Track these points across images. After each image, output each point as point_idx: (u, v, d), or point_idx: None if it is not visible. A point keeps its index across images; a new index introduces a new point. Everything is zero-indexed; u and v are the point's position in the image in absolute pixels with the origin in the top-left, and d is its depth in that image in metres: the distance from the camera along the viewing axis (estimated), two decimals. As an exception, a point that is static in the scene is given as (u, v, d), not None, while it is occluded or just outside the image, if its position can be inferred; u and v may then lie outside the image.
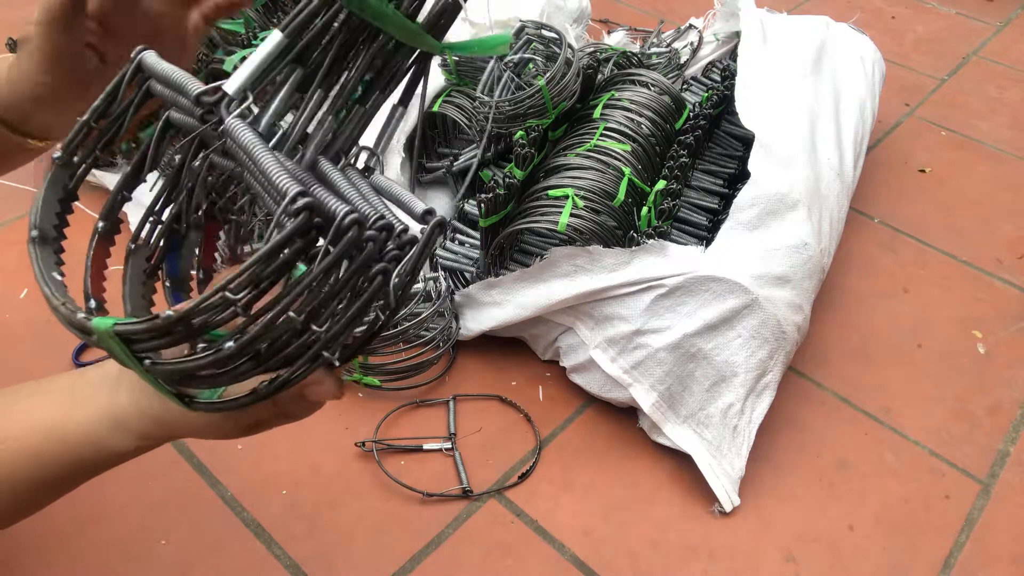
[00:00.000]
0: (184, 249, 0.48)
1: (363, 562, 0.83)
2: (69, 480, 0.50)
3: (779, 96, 1.09)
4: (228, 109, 0.39)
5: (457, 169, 1.16)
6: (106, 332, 0.37)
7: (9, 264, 1.12)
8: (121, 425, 0.46)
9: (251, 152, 0.36)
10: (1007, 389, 1.05)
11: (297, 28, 0.40)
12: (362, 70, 0.42)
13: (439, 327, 1.00)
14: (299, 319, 0.35)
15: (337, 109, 0.43)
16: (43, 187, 0.44)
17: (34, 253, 0.42)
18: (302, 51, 0.41)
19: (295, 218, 0.33)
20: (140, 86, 0.43)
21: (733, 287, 0.88)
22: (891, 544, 0.87)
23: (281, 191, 0.34)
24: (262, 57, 0.40)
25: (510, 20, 1.16)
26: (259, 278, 0.34)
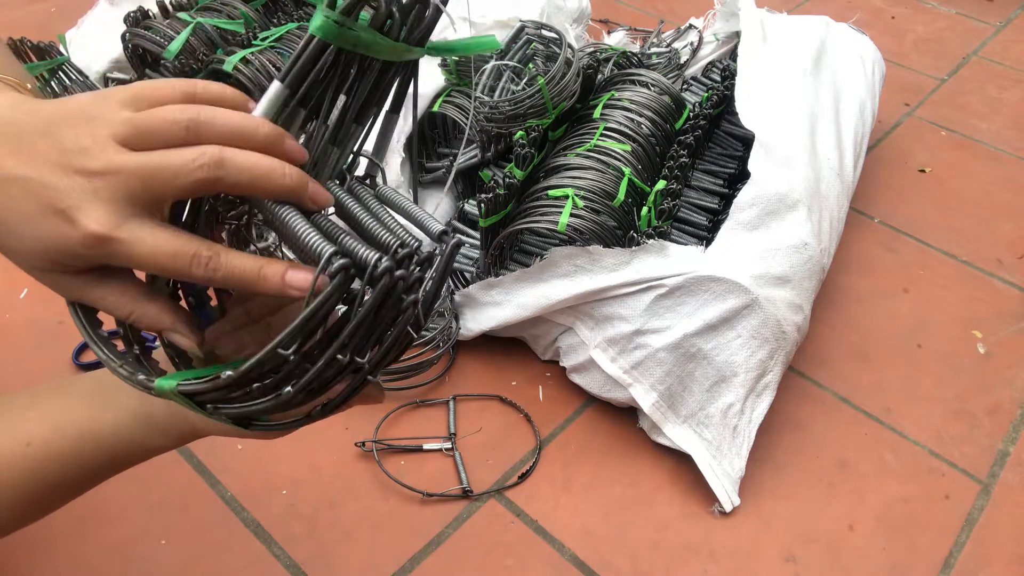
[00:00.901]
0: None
1: (363, 562, 0.83)
2: (99, 477, 0.52)
3: (779, 96, 1.09)
4: None
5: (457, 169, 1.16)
6: (171, 392, 0.40)
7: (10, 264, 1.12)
8: (156, 426, 0.48)
9: (280, 216, 0.39)
10: (1007, 389, 1.05)
11: (297, 76, 0.42)
12: (359, 97, 0.44)
13: (439, 327, 1.00)
14: (346, 359, 0.38)
15: (339, 136, 0.44)
16: None
17: (76, 316, 0.43)
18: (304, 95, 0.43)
19: (333, 279, 0.36)
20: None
21: (733, 287, 0.88)
22: (891, 544, 0.87)
23: (316, 253, 0.37)
24: (264, 110, 0.42)
25: (510, 20, 1.16)
26: (306, 331, 0.37)
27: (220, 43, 1.20)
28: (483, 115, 1.06)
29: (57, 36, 1.31)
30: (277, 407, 0.39)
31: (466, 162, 1.16)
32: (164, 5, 1.26)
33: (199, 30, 1.19)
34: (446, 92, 1.15)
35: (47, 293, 0.45)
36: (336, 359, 0.38)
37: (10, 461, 0.48)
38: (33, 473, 0.48)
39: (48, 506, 0.52)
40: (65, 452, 0.49)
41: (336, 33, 0.40)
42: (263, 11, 1.31)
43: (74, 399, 0.50)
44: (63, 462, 0.49)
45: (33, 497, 0.50)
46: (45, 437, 0.48)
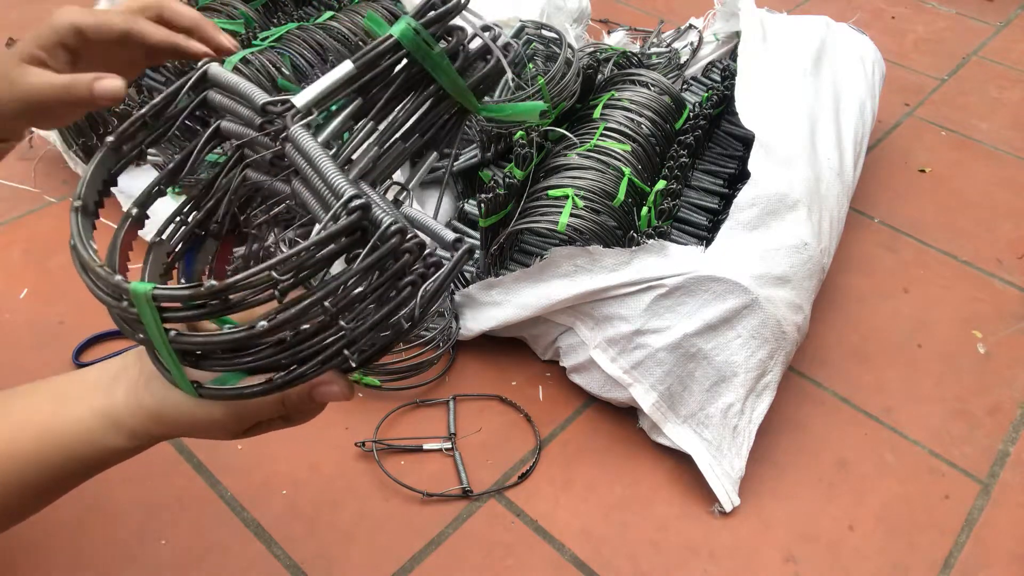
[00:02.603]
0: (201, 253, 0.50)
1: (363, 562, 0.83)
2: (65, 480, 0.49)
3: (779, 96, 1.09)
4: (293, 119, 0.43)
5: (457, 169, 1.16)
6: (143, 295, 0.38)
7: (10, 264, 1.12)
8: (117, 422, 0.46)
9: (312, 156, 0.40)
10: (1007, 389, 1.05)
11: (367, 63, 0.44)
12: (411, 111, 0.46)
13: (439, 327, 1.00)
14: (332, 310, 0.37)
15: (382, 142, 0.46)
16: (92, 165, 0.47)
17: (76, 220, 0.45)
18: (366, 84, 0.45)
19: (349, 216, 0.36)
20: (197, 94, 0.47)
21: (733, 287, 0.88)
22: (891, 544, 0.87)
23: (338, 192, 0.37)
24: (332, 81, 0.44)
25: (510, 20, 1.16)
26: (303, 266, 0.36)
27: (220, 43, 1.19)
28: (483, 115, 1.06)
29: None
30: (249, 339, 0.38)
31: (466, 162, 1.16)
32: (164, 5, 1.26)
33: (199, 30, 1.19)
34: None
35: (47, 293, 0.46)
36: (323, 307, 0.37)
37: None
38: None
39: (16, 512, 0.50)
40: (27, 452, 0.47)
41: (411, 38, 0.43)
42: (263, 11, 1.31)
43: (39, 398, 0.48)
44: (25, 464, 0.47)
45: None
46: (9, 437, 0.47)
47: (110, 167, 0.48)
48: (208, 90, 0.47)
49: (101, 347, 1.01)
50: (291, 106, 0.43)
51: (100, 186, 0.47)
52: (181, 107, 0.47)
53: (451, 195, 1.19)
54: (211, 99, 0.47)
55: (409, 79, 0.45)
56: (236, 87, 0.45)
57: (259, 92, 0.44)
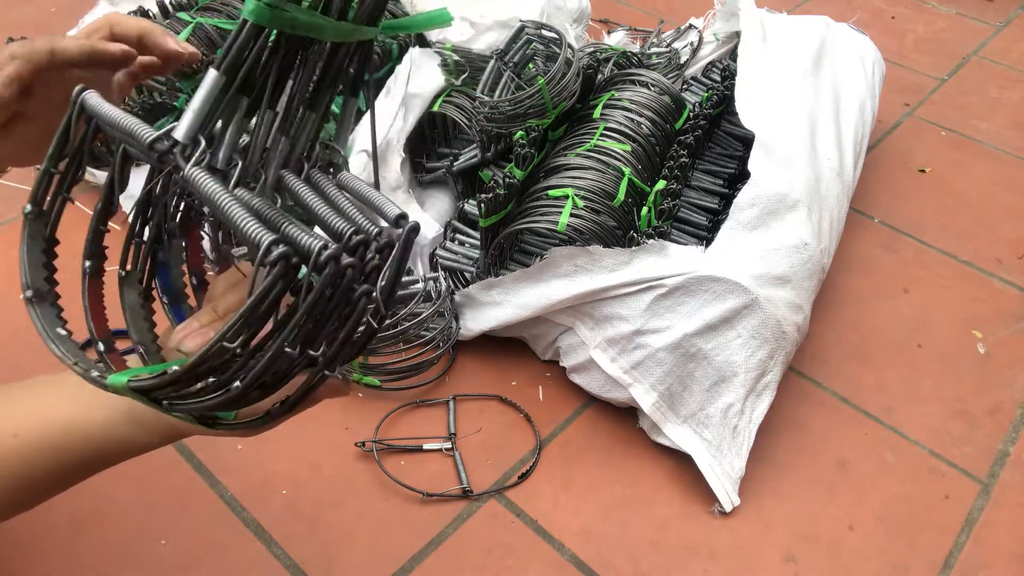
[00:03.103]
0: (172, 260, 0.49)
1: (363, 562, 0.83)
2: (88, 470, 0.52)
3: (779, 96, 1.09)
4: (184, 155, 0.39)
5: (457, 169, 1.16)
6: (123, 388, 0.39)
7: (10, 264, 1.12)
8: (143, 424, 0.48)
9: (217, 203, 0.37)
10: (1007, 389, 1.05)
11: (232, 62, 0.40)
12: (305, 82, 0.43)
13: (439, 327, 1.00)
14: (295, 352, 0.36)
15: (288, 124, 0.43)
16: (24, 245, 0.45)
17: (34, 313, 0.44)
18: (243, 82, 0.41)
19: (272, 268, 0.34)
20: (88, 122, 0.43)
21: (733, 287, 0.88)
22: (891, 544, 0.87)
23: (254, 242, 0.34)
24: (202, 98, 0.40)
25: (510, 20, 1.16)
26: (250, 323, 0.35)
27: (220, 43, 1.20)
28: (483, 115, 1.06)
29: (57, 36, 1.30)
30: (227, 403, 0.38)
31: (466, 162, 1.16)
32: (164, 5, 1.26)
33: (199, 30, 1.19)
34: (446, 92, 1.15)
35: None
36: (285, 352, 0.36)
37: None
38: (19, 464, 0.49)
39: (33, 499, 0.52)
40: (52, 445, 0.49)
41: (268, 15, 0.39)
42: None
43: (63, 394, 0.50)
44: (50, 455, 0.49)
45: (18, 488, 0.50)
46: (33, 429, 0.49)
47: (42, 235, 0.45)
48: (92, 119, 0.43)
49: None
50: (174, 142, 0.39)
51: (44, 258, 0.45)
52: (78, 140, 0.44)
53: (451, 195, 1.19)
54: (103, 128, 0.43)
55: (289, 50, 0.41)
56: (115, 122, 0.42)
57: (138, 125, 0.41)
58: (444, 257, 1.08)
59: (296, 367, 0.38)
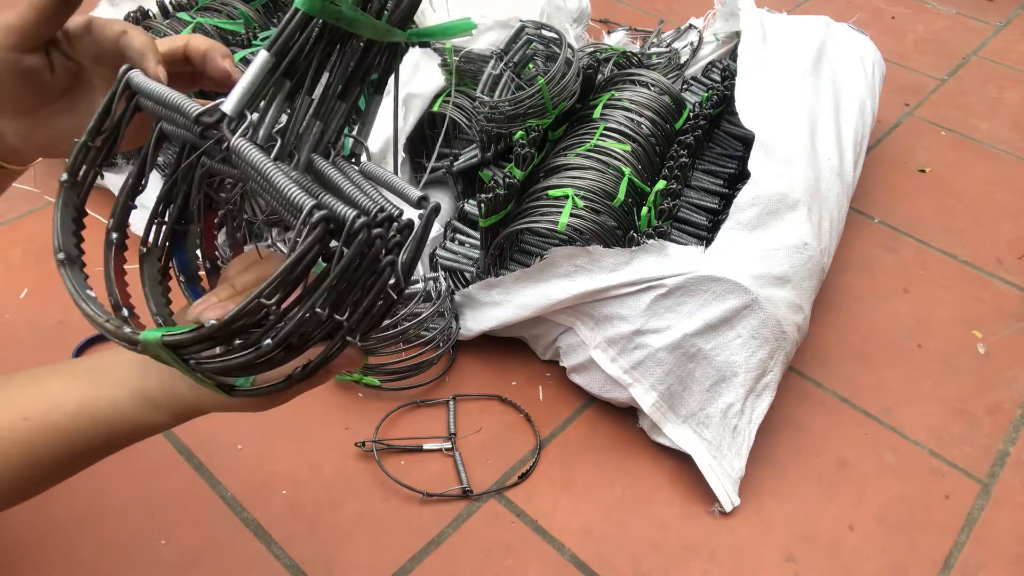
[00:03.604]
0: (188, 244, 0.51)
1: (363, 562, 0.83)
2: (98, 453, 0.52)
3: (779, 96, 1.09)
4: (230, 128, 0.43)
5: (457, 169, 1.17)
6: (155, 343, 0.41)
7: (10, 264, 1.12)
8: (154, 404, 0.49)
9: (262, 170, 0.40)
10: (1007, 389, 1.05)
11: (282, 45, 0.43)
12: (341, 74, 0.46)
13: (439, 327, 1.00)
14: (324, 314, 0.39)
15: (322, 112, 0.46)
16: (57, 211, 0.48)
17: (66, 275, 0.46)
18: (288, 66, 0.44)
19: (313, 230, 0.37)
20: (129, 101, 0.46)
21: (733, 287, 0.88)
22: (891, 544, 0.87)
23: (297, 206, 0.38)
24: (252, 76, 0.43)
25: (510, 20, 1.16)
26: (287, 282, 0.38)
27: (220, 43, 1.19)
28: (483, 115, 1.06)
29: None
30: (257, 360, 0.40)
31: (466, 162, 1.16)
32: (164, 5, 1.26)
33: (199, 30, 1.19)
34: (446, 92, 1.15)
35: (47, 293, 0.46)
36: (315, 313, 0.39)
37: (6, 435, 0.48)
38: (29, 447, 0.49)
39: (42, 482, 0.53)
40: (62, 428, 0.49)
41: (319, 6, 0.42)
42: (263, 11, 1.31)
43: (73, 378, 0.50)
44: (59, 437, 0.49)
45: (28, 472, 0.50)
46: (42, 412, 0.49)
47: (75, 203, 0.48)
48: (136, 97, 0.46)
49: (101, 347, 1.01)
50: (222, 115, 0.43)
51: (74, 227, 0.48)
52: (118, 118, 0.47)
53: (451, 195, 1.19)
54: (143, 106, 0.46)
55: (330, 41, 0.44)
56: (161, 97, 0.45)
57: (184, 100, 0.44)
58: (444, 257, 1.08)
59: (323, 329, 0.40)
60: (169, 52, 0.53)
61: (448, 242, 1.10)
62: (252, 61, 0.43)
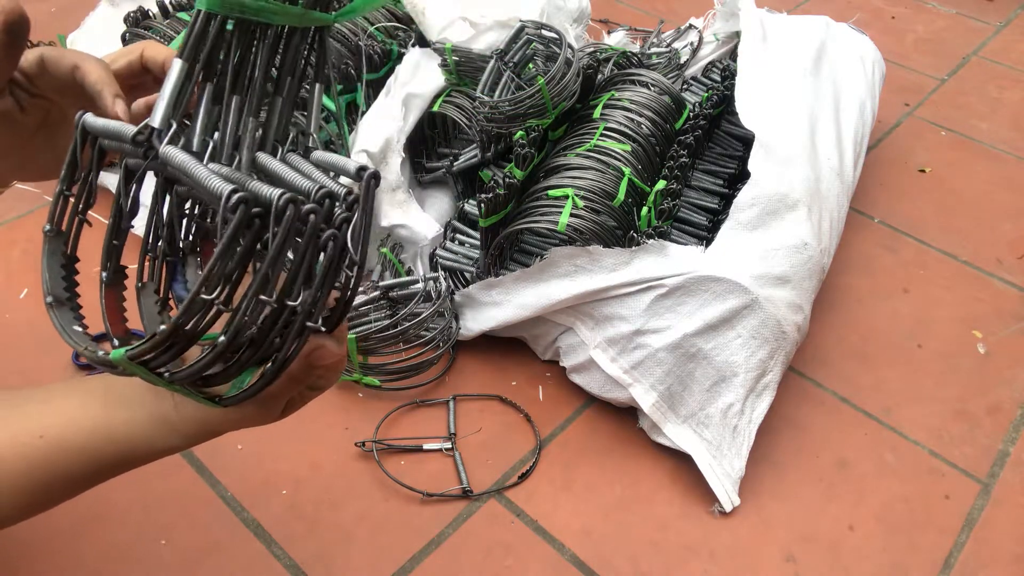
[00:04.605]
0: (187, 273, 0.51)
1: (363, 562, 0.83)
2: (112, 472, 0.52)
3: (779, 96, 1.09)
4: (160, 139, 0.43)
5: (457, 169, 1.17)
6: (123, 359, 0.41)
7: (10, 264, 1.12)
8: (169, 426, 0.49)
9: (186, 169, 0.40)
10: (1007, 389, 1.05)
11: (191, 50, 0.43)
12: (264, 67, 0.45)
13: (439, 327, 1.00)
14: (271, 300, 0.38)
15: (255, 108, 0.45)
16: (44, 260, 0.48)
17: (53, 316, 0.47)
18: (205, 68, 0.43)
19: (234, 214, 0.36)
20: (93, 145, 0.46)
21: (733, 287, 0.88)
22: (891, 544, 0.87)
23: (217, 194, 0.37)
24: (170, 87, 0.43)
25: (510, 20, 1.16)
26: (225, 274, 0.37)
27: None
28: (483, 115, 1.06)
29: (57, 36, 1.31)
30: (216, 359, 0.39)
31: (466, 162, 1.16)
32: (164, 5, 1.26)
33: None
34: (446, 92, 1.15)
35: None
36: (262, 300, 0.38)
37: (22, 452, 0.49)
38: (44, 466, 0.49)
39: (55, 499, 0.53)
40: (77, 447, 0.49)
41: (219, 2, 0.41)
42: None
43: (89, 396, 0.50)
44: (74, 456, 0.50)
45: (41, 489, 0.50)
46: (58, 431, 0.49)
47: (61, 251, 0.48)
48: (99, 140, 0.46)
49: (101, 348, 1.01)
50: (151, 129, 0.43)
51: (62, 273, 0.48)
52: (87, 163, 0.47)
53: (451, 195, 1.19)
54: (106, 146, 0.46)
55: (245, 34, 0.43)
56: (106, 130, 0.45)
57: (123, 127, 0.44)
58: (444, 257, 1.08)
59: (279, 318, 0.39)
60: (127, 65, 0.53)
61: (448, 242, 1.10)
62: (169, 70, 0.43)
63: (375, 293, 1.01)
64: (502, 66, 1.11)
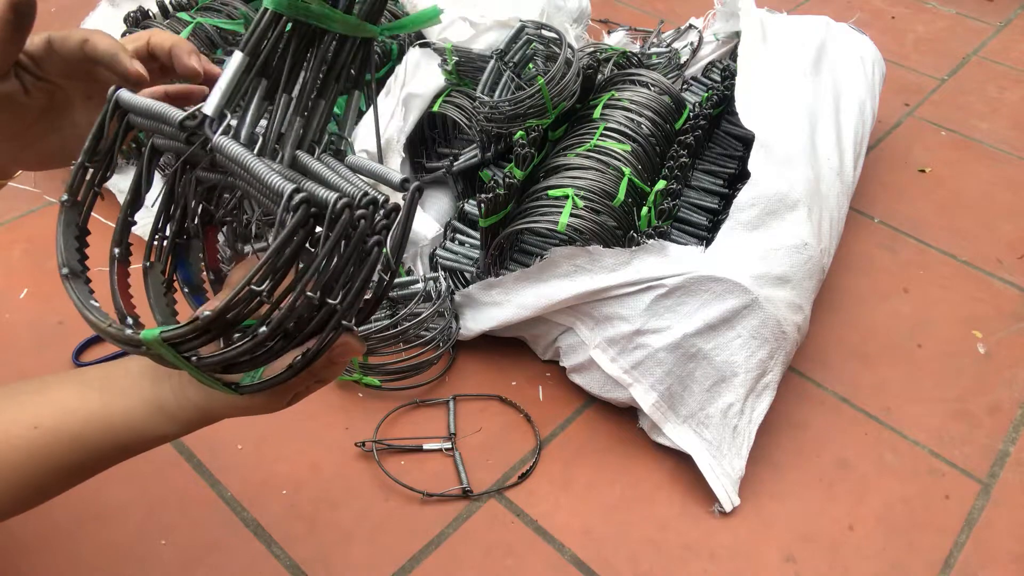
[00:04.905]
0: (191, 256, 0.52)
1: (363, 562, 0.83)
2: (109, 460, 0.52)
3: (779, 96, 1.09)
4: (212, 128, 0.44)
5: (457, 169, 1.17)
6: (155, 340, 0.42)
7: (10, 264, 1.12)
8: (167, 414, 0.49)
9: (243, 162, 0.41)
10: (1007, 389, 1.05)
11: (255, 45, 0.44)
12: (316, 70, 0.46)
13: (439, 327, 1.00)
14: (316, 297, 0.39)
15: (302, 108, 0.47)
16: (59, 230, 0.49)
17: (70, 287, 0.47)
18: (263, 64, 0.45)
19: (295, 212, 0.37)
20: (121, 120, 0.47)
21: (733, 287, 0.88)
22: (891, 544, 0.87)
23: (278, 191, 0.39)
24: (229, 77, 0.44)
25: (510, 20, 1.16)
26: (275, 268, 0.38)
27: (220, 43, 1.20)
28: (483, 115, 1.06)
29: (57, 36, 1.30)
30: (255, 349, 0.41)
31: (466, 162, 1.16)
32: (164, 5, 1.26)
33: (199, 30, 1.19)
34: (446, 92, 1.15)
35: (47, 293, 0.46)
36: (307, 297, 0.39)
37: (17, 443, 0.49)
38: (39, 456, 0.49)
39: (52, 489, 0.53)
40: (73, 436, 0.49)
41: (288, 4, 0.43)
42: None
43: (84, 387, 0.51)
44: (70, 446, 0.50)
45: (38, 480, 0.50)
46: (54, 421, 0.49)
47: (76, 222, 0.49)
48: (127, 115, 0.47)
49: (101, 347, 1.01)
50: (203, 117, 0.44)
51: (77, 244, 0.49)
52: (111, 138, 0.48)
53: (451, 195, 1.19)
54: (133, 122, 0.47)
55: (303, 38, 0.45)
56: (148, 109, 0.46)
57: (169, 109, 0.45)
58: (444, 257, 1.08)
59: (317, 316, 0.41)
60: (134, 51, 0.53)
61: (448, 242, 1.10)
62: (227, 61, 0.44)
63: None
64: (502, 66, 1.11)
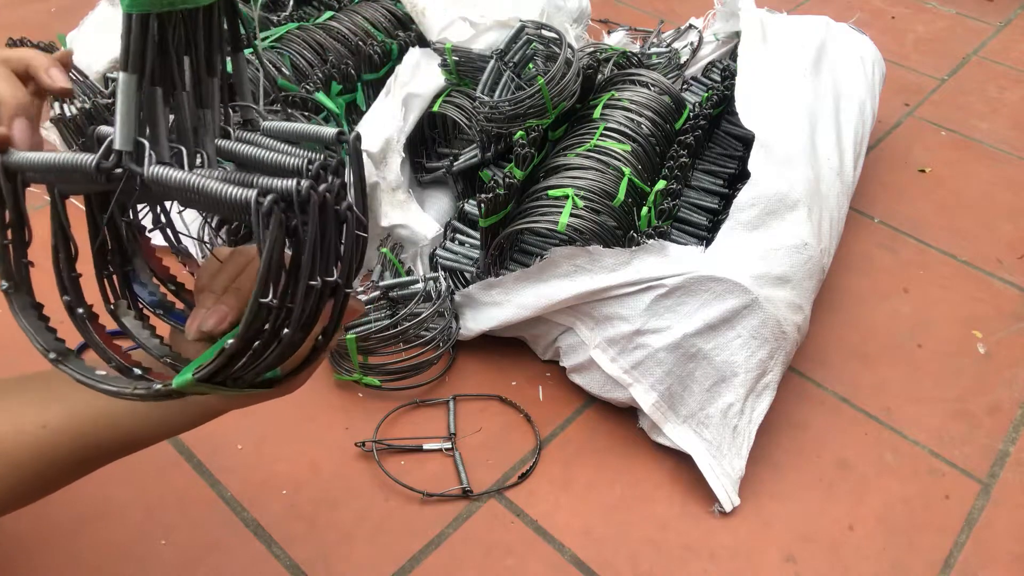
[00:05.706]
0: (143, 277, 0.50)
1: (363, 562, 0.83)
2: (115, 455, 0.53)
3: (779, 96, 1.09)
4: (134, 161, 0.41)
5: (457, 169, 1.16)
6: (191, 384, 0.41)
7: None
8: (173, 409, 0.50)
9: (191, 185, 0.39)
10: (1007, 389, 1.05)
11: (137, 59, 0.41)
12: (201, 52, 0.44)
13: (439, 327, 1.00)
14: (318, 284, 0.39)
15: (200, 96, 0.45)
16: (19, 319, 0.46)
17: (69, 370, 0.45)
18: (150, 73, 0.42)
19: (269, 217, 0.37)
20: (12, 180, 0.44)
21: (733, 287, 0.88)
22: (891, 544, 0.87)
23: (242, 202, 0.37)
24: (123, 104, 0.41)
25: (510, 20, 1.16)
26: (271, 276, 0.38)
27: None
28: (483, 115, 1.06)
29: (57, 36, 1.31)
30: (285, 352, 0.41)
31: (466, 162, 1.16)
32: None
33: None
34: (446, 92, 1.15)
35: (46, 292, 0.46)
36: (312, 286, 0.39)
37: (24, 440, 0.49)
38: (48, 453, 0.50)
39: (57, 484, 0.54)
40: (80, 433, 0.50)
41: (147, 1, 0.40)
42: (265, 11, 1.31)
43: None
44: (79, 442, 0.50)
45: (43, 476, 0.51)
46: (61, 420, 0.50)
47: (31, 302, 0.46)
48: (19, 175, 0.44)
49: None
50: (120, 153, 0.41)
51: (43, 324, 0.46)
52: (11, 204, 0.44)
53: (451, 195, 1.19)
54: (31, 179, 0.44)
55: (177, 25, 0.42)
56: (49, 164, 0.42)
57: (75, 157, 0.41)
58: (444, 257, 1.08)
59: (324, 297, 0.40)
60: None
61: (448, 242, 1.10)
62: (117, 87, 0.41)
63: (375, 293, 1.01)
64: (502, 66, 1.11)
